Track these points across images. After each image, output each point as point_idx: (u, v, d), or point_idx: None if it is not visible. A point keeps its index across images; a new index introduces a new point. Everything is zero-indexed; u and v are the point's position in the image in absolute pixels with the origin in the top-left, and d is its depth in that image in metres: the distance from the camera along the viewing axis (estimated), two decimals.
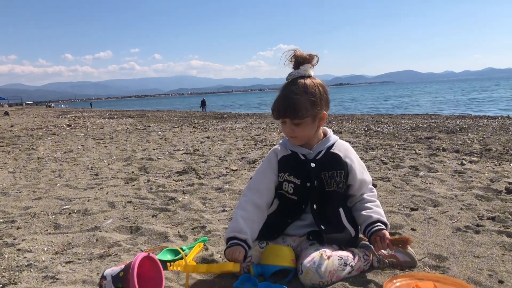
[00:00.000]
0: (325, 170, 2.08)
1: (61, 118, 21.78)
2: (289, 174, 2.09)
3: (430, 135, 8.00)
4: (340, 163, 2.11)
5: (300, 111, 1.95)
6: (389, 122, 12.04)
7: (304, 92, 1.96)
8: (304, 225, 2.13)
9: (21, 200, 3.88)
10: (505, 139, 7.00)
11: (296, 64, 2.04)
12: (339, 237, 2.11)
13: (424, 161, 5.08)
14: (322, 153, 2.11)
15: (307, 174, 2.07)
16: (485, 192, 3.50)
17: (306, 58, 2.03)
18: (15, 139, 10.21)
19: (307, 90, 1.97)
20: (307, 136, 2.08)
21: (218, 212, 3.26)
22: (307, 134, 2.06)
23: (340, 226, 2.14)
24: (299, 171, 2.08)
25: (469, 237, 2.48)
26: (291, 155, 2.12)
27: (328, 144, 2.13)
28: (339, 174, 2.09)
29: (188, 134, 10.32)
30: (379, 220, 2.11)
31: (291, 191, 2.10)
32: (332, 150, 2.12)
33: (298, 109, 1.95)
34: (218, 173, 4.85)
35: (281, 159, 2.13)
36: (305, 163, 2.09)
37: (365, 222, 2.12)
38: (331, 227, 2.09)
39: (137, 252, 2.47)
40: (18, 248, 2.59)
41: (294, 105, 1.95)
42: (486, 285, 1.88)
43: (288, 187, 2.10)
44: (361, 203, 2.20)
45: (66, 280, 2.11)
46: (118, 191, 4.11)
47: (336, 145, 2.15)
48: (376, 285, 1.90)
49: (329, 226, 2.09)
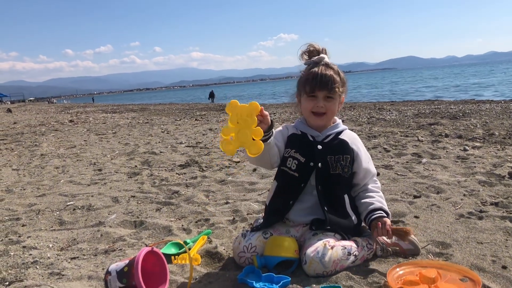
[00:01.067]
0: (331, 154, 2.13)
1: (64, 114, 21.81)
2: (295, 151, 2.16)
3: (433, 121, 7.98)
4: (346, 148, 2.17)
5: (335, 84, 2.09)
6: (392, 109, 12.00)
7: (337, 72, 2.14)
8: (307, 208, 2.14)
9: (25, 197, 3.90)
10: (508, 124, 6.97)
11: (316, 53, 2.19)
12: (342, 223, 2.12)
13: (427, 147, 5.06)
14: (331, 137, 2.19)
15: (313, 154, 2.13)
16: (488, 178, 3.49)
17: (324, 49, 2.21)
18: (18, 136, 10.24)
19: (338, 70, 2.16)
20: (333, 115, 2.20)
21: (221, 205, 3.27)
22: (334, 112, 2.17)
23: (344, 212, 2.16)
24: (305, 150, 2.15)
25: (472, 223, 2.48)
26: (301, 135, 2.20)
27: (337, 129, 2.22)
28: (345, 159, 2.14)
29: (190, 126, 10.32)
30: (381, 208, 2.13)
31: (294, 167, 2.15)
32: (340, 136, 2.20)
33: (335, 82, 2.09)
34: (220, 165, 4.86)
35: (291, 135, 2.21)
36: (313, 144, 2.16)
37: (367, 209, 2.15)
38: (334, 211, 2.11)
39: (142, 246, 2.48)
40: (23, 245, 2.60)
41: (333, 79, 2.09)
42: (490, 271, 1.89)
43: (292, 163, 2.15)
44: (364, 192, 2.23)
45: (71, 276, 2.12)
46: (121, 186, 4.12)
47: (345, 133, 2.24)
48: (380, 274, 1.91)
49: (332, 209, 2.11)
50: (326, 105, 2.11)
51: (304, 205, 2.15)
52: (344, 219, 2.14)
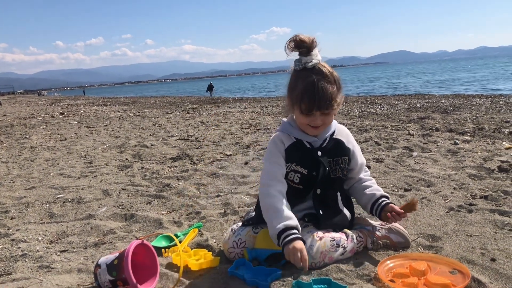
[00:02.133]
0: (331, 157, 2.06)
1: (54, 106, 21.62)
2: (296, 164, 2.04)
3: (424, 115, 8.02)
4: (344, 149, 2.11)
5: (334, 101, 1.92)
6: (383, 103, 12.04)
7: (333, 80, 1.92)
8: (302, 209, 2.13)
9: (14, 190, 3.86)
10: (498, 118, 7.02)
11: (306, 51, 1.94)
12: (336, 221, 2.10)
13: (418, 141, 5.09)
14: (328, 140, 2.08)
15: (314, 162, 2.04)
16: (478, 171, 3.51)
17: (314, 42, 1.94)
18: (8, 128, 10.14)
19: (333, 76, 1.93)
20: (327, 124, 2.04)
21: (212, 198, 3.26)
22: (331, 121, 2.04)
23: (337, 209, 2.14)
24: (306, 160, 2.04)
25: (462, 216, 2.49)
26: (297, 143, 2.06)
27: (330, 131, 2.10)
28: (344, 161, 2.09)
29: (182, 119, 10.28)
30: (382, 195, 2.13)
31: (297, 180, 2.05)
32: (335, 136, 2.11)
33: (333, 99, 1.91)
34: (212, 158, 4.85)
35: (288, 148, 2.05)
36: (312, 151, 2.05)
37: (370, 200, 2.14)
38: (328, 209, 2.10)
39: (132, 239, 2.47)
40: (12, 238, 2.58)
41: (331, 96, 1.89)
42: (479, 264, 1.90)
43: (294, 176, 2.05)
44: (359, 183, 2.21)
45: (61, 269, 2.10)
46: (112, 178, 4.10)
47: (337, 130, 2.13)
48: (370, 266, 1.91)
49: (327, 211, 2.09)
50: (323, 119, 1.95)
51: (300, 207, 2.12)
52: (337, 215, 2.12)
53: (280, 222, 1.84)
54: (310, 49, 1.94)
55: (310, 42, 1.93)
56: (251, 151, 5.13)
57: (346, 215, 2.16)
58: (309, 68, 1.93)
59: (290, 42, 1.95)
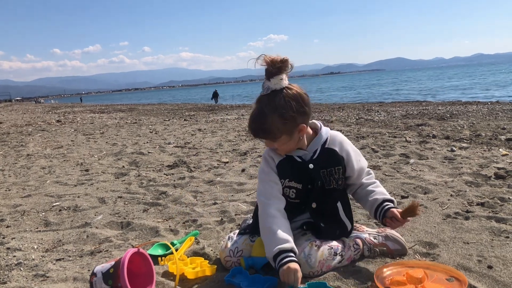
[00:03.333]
0: (324, 168, 2.02)
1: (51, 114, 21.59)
2: (289, 180, 2.02)
3: (421, 122, 8.04)
4: (337, 158, 2.05)
5: (271, 133, 1.88)
6: (380, 110, 12.06)
7: (274, 112, 1.85)
8: (300, 221, 2.12)
9: (10, 198, 3.85)
10: (495, 125, 7.05)
11: (268, 75, 1.87)
12: (337, 232, 2.09)
13: (415, 148, 5.10)
14: (318, 151, 2.03)
15: (308, 176, 2.02)
16: (474, 178, 3.52)
17: (277, 68, 1.85)
18: (4, 136, 10.11)
19: (276, 109, 1.84)
20: (289, 149, 2.00)
21: (209, 205, 3.25)
22: (289, 147, 1.99)
23: (337, 221, 2.11)
24: (298, 174, 2.01)
25: (458, 224, 2.49)
26: (287, 159, 2.03)
27: (321, 140, 2.05)
28: (337, 171, 2.04)
29: (179, 127, 10.28)
30: (384, 199, 2.07)
31: (293, 196, 2.04)
32: (327, 146, 2.05)
33: (270, 131, 1.88)
34: (209, 165, 4.84)
35: (279, 164, 2.03)
36: (303, 165, 2.02)
37: (373, 206, 2.08)
38: (329, 223, 2.08)
39: (128, 247, 2.45)
40: (7, 247, 2.56)
41: (265, 128, 1.88)
42: (476, 271, 1.90)
43: (290, 192, 2.03)
44: (362, 188, 2.16)
45: (56, 278, 2.09)
46: (108, 186, 4.09)
47: (330, 139, 2.07)
48: (367, 274, 1.91)
49: (327, 223, 2.07)
50: (275, 144, 1.96)
51: (299, 218, 2.11)
52: (338, 227, 2.10)
53: (276, 246, 1.83)
54: (269, 75, 1.87)
55: (273, 67, 1.85)
56: (248, 158, 5.12)
57: (347, 226, 2.13)
58: (262, 96, 1.90)
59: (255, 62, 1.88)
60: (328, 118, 10.29)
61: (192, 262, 2.14)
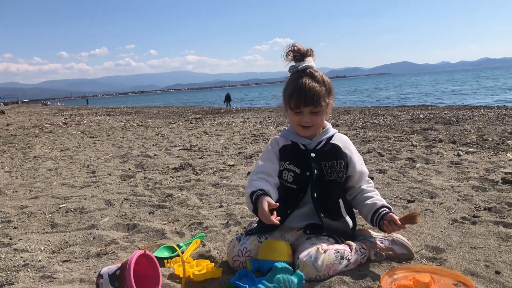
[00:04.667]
0: (325, 160, 2.10)
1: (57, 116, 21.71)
2: (289, 163, 2.12)
3: (427, 126, 8.01)
4: (340, 153, 2.14)
5: (321, 98, 2.01)
6: (386, 114, 12.04)
7: (322, 81, 2.05)
8: (304, 214, 2.13)
9: (17, 199, 3.87)
10: (501, 129, 7.01)
11: (300, 57, 2.09)
12: (338, 226, 2.11)
13: (421, 152, 5.08)
14: (322, 143, 2.14)
15: (307, 163, 2.09)
16: (481, 183, 3.50)
17: (309, 51, 2.10)
18: (11, 138, 10.18)
19: (323, 79, 2.06)
20: (320, 125, 2.14)
21: (215, 208, 3.26)
22: (321, 122, 2.13)
23: (339, 216, 2.16)
24: (299, 160, 2.11)
25: (465, 228, 2.48)
26: (292, 145, 2.16)
27: (327, 135, 2.17)
28: (339, 164, 2.12)
29: (185, 130, 10.30)
30: (383, 205, 2.13)
31: (291, 179, 2.12)
32: (332, 141, 2.16)
33: (320, 96, 2.01)
34: (215, 168, 4.85)
35: (282, 147, 2.17)
36: (305, 152, 2.12)
37: (371, 210, 2.14)
38: (330, 215, 2.11)
39: (134, 249, 2.46)
40: (14, 248, 2.58)
41: (318, 93, 2.00)
42: (483, 276, 1.88)
43: (288, 175, 2.12)
44: (361, 194, 2.22)
45: (63, 279, 2.10)
46: (114, 188, 4.10)
47: (336, 136, 2.19)
48: (374, 278, 1.90)
49: (327, 214, 2.10)
50: (312, 119, 2.06)
51: (300, 212, 2.14)
52: (339, 223, 2.14)
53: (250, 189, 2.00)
54: (303, 56, 2.10)
55: (304, 50, 2.10)
56: (254, 162, 5.13)
57: (348, 222, 2.17)
58: (301, 71, 2.07)
59: (287, 49, 2.13)
60: (334, 122, 10.28)
61: (198, 264, 2.14)
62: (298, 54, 2.10)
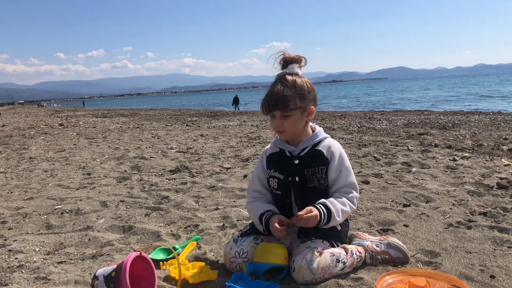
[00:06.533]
0: (308, 167, 2.09)
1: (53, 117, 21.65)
2: (274, 170, 2.17)
3: (423, 131, 8.04)
4: (322, 159, 2.10)
5: (289, 102, 2.00)
6: (382, 119, 12.08)
7: (293, 86, 2.04)
8: None
9: (12, 200, 3.85)
10: (497, 135, 7.05)
11: (284, 64, 2.13)
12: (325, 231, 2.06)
13: (417, 157, 5.09)
14: (307, 150, 2.13)
15: (290, 169, 2.11)
16: (477, 188, 3.52)
17: (293, 58, 2.12)
18: (7, 139, 10.14)
19: (295, 84, 2.05)
20: (295, 130, 2.11)
21: (211, 211, 3.25)
22: (296, 128, 2.09)
23: None
24: (283, 166, 2.14)
25: (461, 233, 2.49)
26: (278, 153, 2.20)
27: (314, 141, 2.15)
28: (321, 171, 2.10)
29: (181, 132, 10.29)
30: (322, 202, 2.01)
31: (276, 186, 2.16)
32: (317, 147, 2.13)
33: (288, 100, 2.00)
34: (211, 171, 4.85)
35: (269, 156, 2.23)
36: (290, 159, 2.14)
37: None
38: None
39: (130, 251, 2.45)
40: (9, 249, 2.56)
41: (284, 97, 2.00)
42: (478, 280, 1.89)
43: (273, 182, 2.17)
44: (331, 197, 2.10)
45: (58, 281, 2.09)
46: (110, 190, 4.09)
47: (324, 142, 2.14)
48: (369, 282, 1.91)
49: None
50: (283, 123, 2.05)
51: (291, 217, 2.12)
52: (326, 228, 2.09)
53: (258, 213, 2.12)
54: (286, 62, 2.13)
55: (289, 57, 2.13)
56: (250, 165, 5.13)
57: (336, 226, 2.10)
58: (277, 77, 2.10)
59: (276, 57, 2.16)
60: (330, 126, 10.30)
61: (194, 267, 2.14)
62: (283, 62, 2.14)
